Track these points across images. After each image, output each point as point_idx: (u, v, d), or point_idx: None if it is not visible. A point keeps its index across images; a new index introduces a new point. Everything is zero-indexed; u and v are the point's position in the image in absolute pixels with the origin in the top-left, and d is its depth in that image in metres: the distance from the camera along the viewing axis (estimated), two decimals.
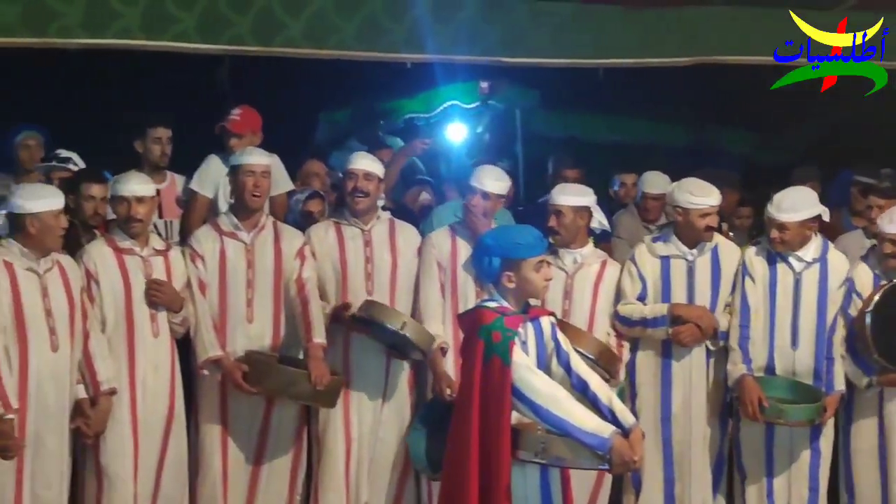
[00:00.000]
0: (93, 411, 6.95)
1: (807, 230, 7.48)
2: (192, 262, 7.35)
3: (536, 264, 5.89)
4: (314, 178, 8.68)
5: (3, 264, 6.72)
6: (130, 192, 7.13)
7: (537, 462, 5.79)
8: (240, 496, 7.48)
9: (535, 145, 11.57)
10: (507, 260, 5.88)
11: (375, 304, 7.36)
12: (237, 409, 7.41)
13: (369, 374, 7.57)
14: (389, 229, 7.67)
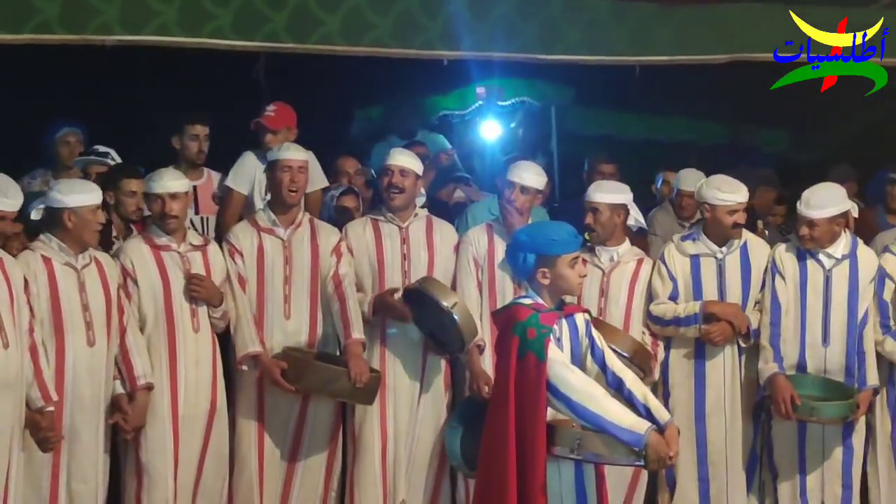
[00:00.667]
0: (130, 406, 6.97)
1: (836, 227, 7.46)
2: (231, 258, 7.37)
3: (571, 261, 5.89)
4: (348, 174, 8.68)
5: (41, 259, 6.77)
6: (164, 188, 7.16)
7: (573, 458, 5.78)
8: (275, 492, 7.50)
9: (571, 143, 11.54)
10: (542, 256, 5.88)
11: (431, 279, 7.37)
12: (274, 404, 7.43)
13: (406, 372, 7.57)
14: (426, 226, 7.68)
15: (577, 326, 5.97)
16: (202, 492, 7.25)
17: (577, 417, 5.72)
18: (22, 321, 6.52)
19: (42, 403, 6.56)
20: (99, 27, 7.11)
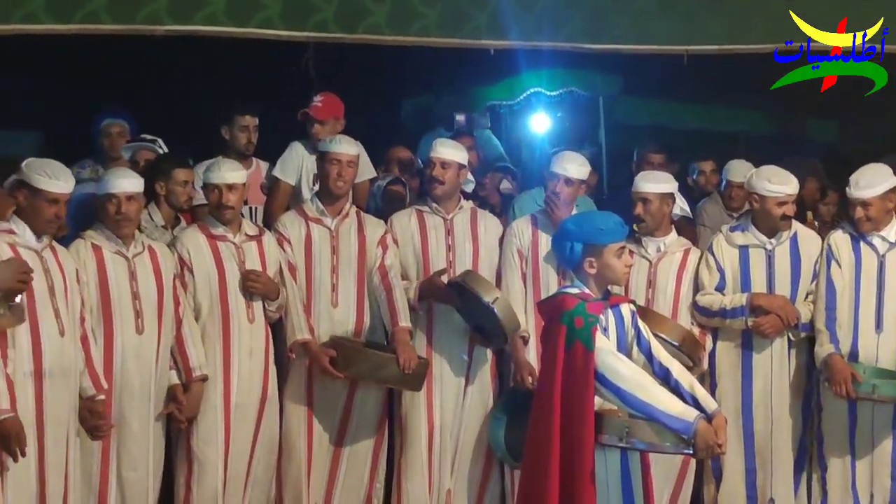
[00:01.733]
0: (185, 397, 7.03)
1: (889, 203, 7.44)
2: (280, 246, 7.41)
3: (618, 250, 5.88)
4: (396, 164, 8.69)
5: (91, 247, 6.83)
6: (222, 179, 7.20)
7: (621, 447, 5.78)
8: (322, 479, 7.53)
9: (619, 133, 11.51)
10: (589, 245, 5.86)
11: (473, 274, 7.38)
12: (322, 392, 7.47)
13: (453, 362, 7.59)
14: (471, 218, 7.69)
15: (622, 316, 5.96)
16: (252, 480, 7.29)
17: (626, 406, 5.71)
18: (76, 310, 6.58)
19: (93, 392, 6.62)
20: (148, 17, 7.13)
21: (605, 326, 5.85)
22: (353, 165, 7.55)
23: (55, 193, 6.44)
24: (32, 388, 6.38)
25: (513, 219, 7.93)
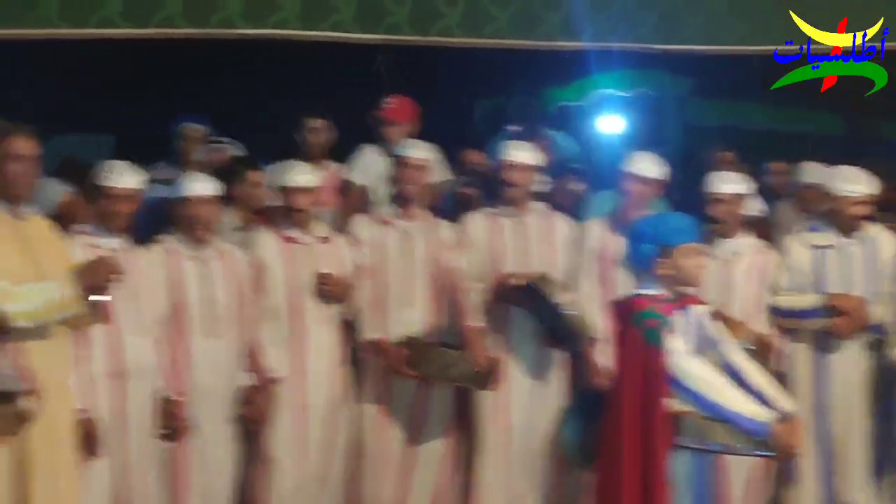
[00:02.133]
0: (259, 399, 7.07)
1: None
2: (354, 248, 7.43)
3: (690, 251, 5.86)
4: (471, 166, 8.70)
5: (165, 251, 6.88)
6: (294, 182, 7.25)
7: (696, 448, 5.76)
8: (396, 480, 7.56)
9: (690, 134, 11.45)
10: (661, 246, 5.86)
11: (545, 276, 7.38)
12: (396, 392, 7.51)
13: (525, 363, 7.59)
14: (544, 220, 7.70)
15: (696, 317, 5.94)
16: (326, 481, 7.34)
17: (700, 407, 5.70)
18: (152, 311, 6.65)
19: (171, 393, 6.68)
20: (221, 21, 7.18)
21: (679, 328, 5.84)
22: (426, 169, 7.58)
23: (120, 189, 6.51)
24: (114, 389, 6.47)
25: (585, 220, 7.92)
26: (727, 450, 5.82)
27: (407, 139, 7.75)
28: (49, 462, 5.93)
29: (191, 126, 8.66)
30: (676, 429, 5.76)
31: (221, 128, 8.73)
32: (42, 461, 5.90)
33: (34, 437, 5.84)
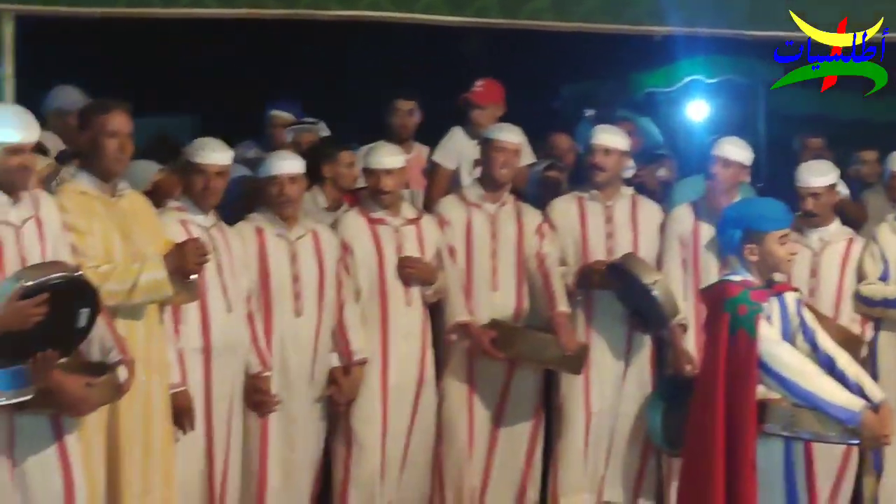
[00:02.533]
0: (345, 380, 7.10)
1: None
2: (441, 229, 7.46)
3: (780, 237, 5.81)
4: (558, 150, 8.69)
5: (254, 230, 6.92)
6: (380, 163, 7.25)
7: (784, 435, 5.72)
8: (479, 463, 7.58)
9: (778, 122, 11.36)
10: (751, 232, 5.80)
11: (634, 256, 7.36)
12: (482, 374, 7.51)
13: (611, 348, 7.58)
14: (631, 205, 7.66)
15: (786, 305, 5.89)
16: (409, 463, 7.36)
17: (790, 394, 5.65)
18: (242, 289, 6.69)
19: (259, 368, 6.74)
20: (312, 2, 7.19)
21: (769, 314, 5.79)
22: (518, 154, 7.58)
23: (211, 165, 6.54)
24: (201, 364, 6.52)
25: (672, 206, 7.88)
26: (816, 437, 5.76)
27: (497, 122, 7.73)
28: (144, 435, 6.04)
29: (280, 114, 8.65)
30: (766, 416, 5.72)
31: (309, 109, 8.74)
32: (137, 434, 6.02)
33: (130, 411, 5.96)
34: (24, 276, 5.23)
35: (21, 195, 5.60)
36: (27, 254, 5.55)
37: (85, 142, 6.03)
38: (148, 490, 6.05)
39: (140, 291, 5.91)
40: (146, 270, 5.90)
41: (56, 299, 5.22)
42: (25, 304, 5.15)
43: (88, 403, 5.54)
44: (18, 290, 5.16)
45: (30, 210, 5.63)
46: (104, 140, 5.95)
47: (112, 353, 5.69)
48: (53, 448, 5.63)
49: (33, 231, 5.62)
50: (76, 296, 5.37)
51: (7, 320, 5.13)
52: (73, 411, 5.55)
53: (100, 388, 5.55)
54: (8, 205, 5.56)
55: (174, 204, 6.59)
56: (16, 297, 5.15)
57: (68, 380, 5.47)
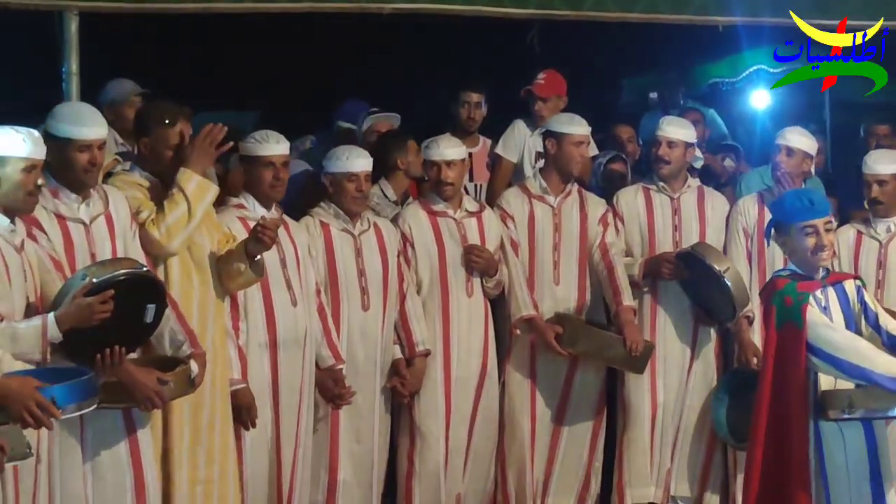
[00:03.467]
0: (408, 371, 7.11)
1: None
2: (503, 223, 7.44)
3: (804, 229, 5.71)
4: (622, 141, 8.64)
5: (319, 224, 6.93)
6: (440, 156, 7.23)
7: (847, 419, 5.64)
8: (542, 456, 7.56)
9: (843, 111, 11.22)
10: (779, 224, 5.79)
11: (703, 244, 7.32)
12: (545, 368, 7.49)
13: (677, 341, 7.53)
14: (698, 197, 7.62)
15: (846, 293, 5.82)
16: (474, 454, 7.36)
17: (845, 375, 5.57)
18: (308, 282, 6.69)
19: (333, 362, 6.76)
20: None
21: (825, 305, 5.73)
22: (586, 145, 7.56)
23: (269, 157, 6.52)
24: (267, 358, 6.53)
25: (738, 197, 7.82)
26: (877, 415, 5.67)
27: (561, 114, 7.68)
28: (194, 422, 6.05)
29: (347, 126, 8.57)
30: (825, 403, 5.63)
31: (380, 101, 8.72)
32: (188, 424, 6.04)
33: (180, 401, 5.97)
34: (91, 273, 5.26)
35: (90, 192, 5.65)
36: (97, 250, 5.62)
37: (144, 146, 6.06)
38: (197, 479, 6.08)
39: (195, 203, 5.90)
40: (184, 184, 5.89)
41: (123, 295, 5.25)
42: (92, 300, 5.18)
43: (162, 397, 5.60)
44: (85, 286, 5.19)
45: (100, 207, 5.70)
46: (166, 152, 6.00)
47: (183, 347, 5.76)
48: (124, 443, 5.73)
49: (103, 228, 5.68)
50: (143, 292, 5.41)
51: (74, 316, 5.17)
52: (146, 405, 5.62)
53: (173, 382, 5.62)
54: (77, 202, 5.62)
55: (235, 201, 6.59)
56: (82, 294, 5.17)
57: (141, 374, 5.56)
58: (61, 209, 5.59)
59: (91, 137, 5.60)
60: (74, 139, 5.57)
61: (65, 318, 5.15)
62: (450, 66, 9.59)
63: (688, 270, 7.32)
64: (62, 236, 5.56)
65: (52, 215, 5.56)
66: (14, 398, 4.71)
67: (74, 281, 5.27)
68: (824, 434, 5.69)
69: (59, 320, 5.14)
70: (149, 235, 5.83)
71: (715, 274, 7.13)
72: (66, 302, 5.18)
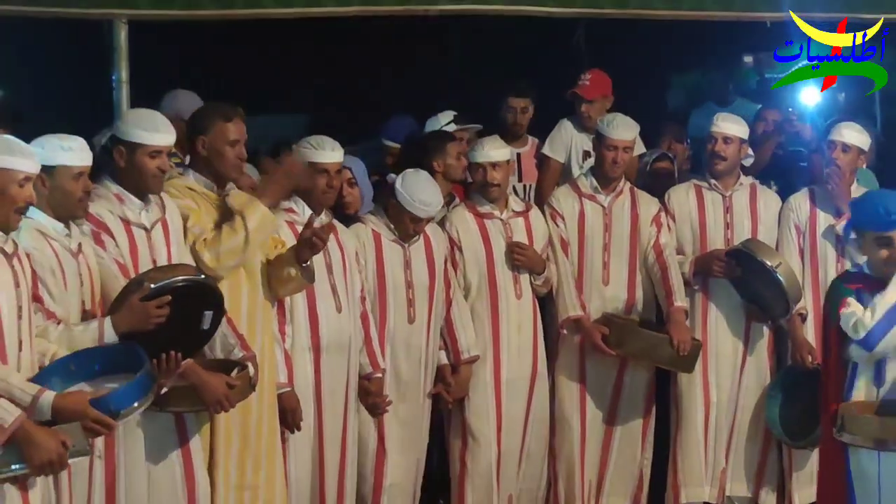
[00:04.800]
0: (454, 378, 7.10)
1: None
2: (553, 221, 7.43)
3: (878, 239, 5.67)
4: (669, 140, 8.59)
5: (371, 234, 6.91)
6: (486, 157, 7.23)
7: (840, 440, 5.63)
8: (594, 457, 7.55)
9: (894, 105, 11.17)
10: (857, 230, 5.78)
11: (755, 240, 7.29)
12: (593, 369, 7.47)
13: (729, 339, 7.49)
14: (750, 195, 7.57)
15: None
16: (526, 455, 7.35)
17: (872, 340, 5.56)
18: (354, 288, 6.69)
19: (371, 370, 6.74)
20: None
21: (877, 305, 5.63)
22: (630, 150, 7.51)
23: (324, 163, 6.52)
24: (311, 363, 6.54)
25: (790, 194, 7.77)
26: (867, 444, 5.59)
27: (612, 115, 7.64)
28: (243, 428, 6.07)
29: (391, 144, 8.42)
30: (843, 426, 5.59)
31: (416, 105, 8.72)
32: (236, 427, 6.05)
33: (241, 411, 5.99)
34: (149, 278, 5.31)
35: (149, 197, 5.69)
36: (157, 255, 5.67)
37: (202, 146, 6.05)
38: (244, 485, 6.10)
39: (254, 234, 5.89)
40: (248, 215, 5.89)
41: (180, 302, 5.29)
42: (149, 304, 5.22)
43: (231, 400, 5.66)
44: (143, 291, 5.22)
45: (158, 213, 5.75)
46: (225, 148, 6.00)
47: (234, 351, 5.79)
48: (176, 447, 5.78)
49: (160, 234, 5.73)
50: (201, 299, 5.45)
51: (130, 320, 5.22)
52: (216, 408, 5.68)
53: (239, 384, 5.68)
54: (140, 207, 5.67)
55: (285, 205, 6.56)
56: (139, 298, 5.21)
57: (212, 378, 5.63)
58: (127, 214, 5.64)
59: (162, 144, 5.66)
60: (146, 144, 5.62)
61: (121, 321, 5.23)
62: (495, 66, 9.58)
63: (739, 268, 7.28)
64: (128, 241, 5.62)
65: (118, 219, 5.62)
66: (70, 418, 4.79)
67: (132, 285, 5.31)
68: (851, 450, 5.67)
69: (116, 324, 5.22)
70: (198, 255, 5.83)
71: (767, 269, 7.09)
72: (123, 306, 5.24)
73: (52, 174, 5.21)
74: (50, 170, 5.19)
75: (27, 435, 4.60)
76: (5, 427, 4.49)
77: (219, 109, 6.08)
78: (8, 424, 4.50)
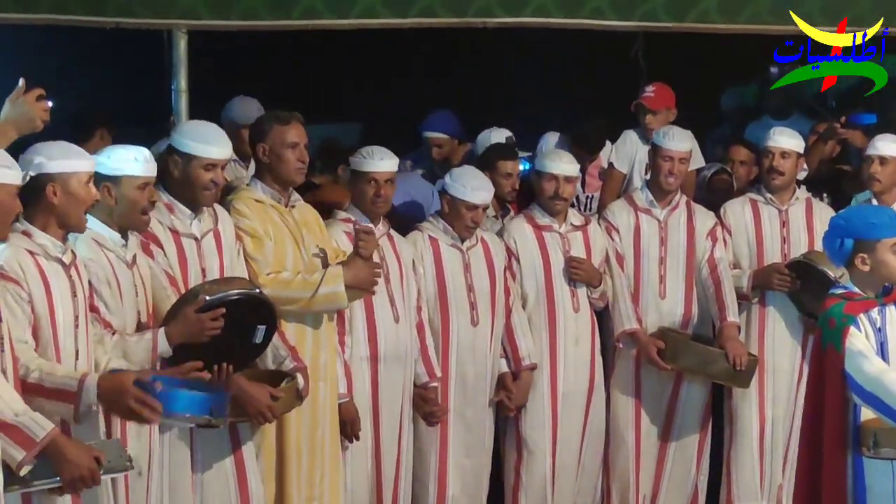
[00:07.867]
0: (514, 385, 7.10)
1: None
2: (608, 235, 7.43)
3: (893, 245, 5.49)
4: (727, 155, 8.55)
5: (428, 240, 6.94)
6: (561, 171, 7.22)
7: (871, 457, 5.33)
8: (649, 471, 7.53)
9: None
10: (860, 241, 5.47)
11: (816, 252, 7.21)
12: (649, 383, 7.45)
13: (786, 354, 7.46)
14: (806, 209, 7.54)
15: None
16: (582, 469, 7.34)
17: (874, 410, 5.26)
18: (411, 298, 6.71)
19: (427, 379, 6.77)
20: (480, 10, 7.18)
21: (881, 325, 5.43)
22: (686, 162, 7.48)
23: (373, 173, 6.56)
24: (369, 373, 6.58)
25: None
26: None
27: (667, 127, 7.63)
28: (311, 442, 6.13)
29: (435, 135, 8.57)
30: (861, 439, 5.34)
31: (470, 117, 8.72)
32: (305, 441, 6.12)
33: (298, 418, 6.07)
34: (204, 290, 5.34)
35: (202, 208, 5.71)
36: (207, 266, 5.72)
37: (262, 152, 6.09)
38: (313, 497, 6.16)
39: (318, 301, 6.01)
40: (326, 283, 5.99)
41: (234, 315, 5.32)
42: (203, 317, 5.24)
43: (274, 412, 5.68)
44: (198, 303, 5.25)
45: (210, 223, 5.79)
46: (285, 151, 6.04)
47: (286, 362, 5.81)
48: (230, 457, 5.81)
49: (212, 244, 5.78)
50: (254, 312, 5.47)
51: (184, 332, 5.25)
52: (259, 420, 5.71)
53: (284, 396, 5.68)
54: (190, 218, 5.71)
55: (342, 215, 6.63)
56: (194, 311, 5.24)
57: (254, 389, 5.64)
58: (176, 224, 5.69)
59: (217, 157, 5.71)
60: (200, 156, 5.67)
61: (175, 333, 5.26)
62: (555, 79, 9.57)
63: (799, 280, 7.24)
64: (176, 251, 5.67)
65: (167, 230, 5.67)
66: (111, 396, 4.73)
67: (188, 297, 5.34)
68: (867, 468, 5.39)
69: (170, 335, 5.25)
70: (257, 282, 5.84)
71: (830, 280, 7.02)
72: (177, 318, 5.26)
73: (118, 184, 5.25)
74: (116, 180, 5.24)
75: (59, 449, 4.53)
76: (37, 441, 4.47)
77: (277, 115, 6.15)
78: (39, 438, 4.47)
